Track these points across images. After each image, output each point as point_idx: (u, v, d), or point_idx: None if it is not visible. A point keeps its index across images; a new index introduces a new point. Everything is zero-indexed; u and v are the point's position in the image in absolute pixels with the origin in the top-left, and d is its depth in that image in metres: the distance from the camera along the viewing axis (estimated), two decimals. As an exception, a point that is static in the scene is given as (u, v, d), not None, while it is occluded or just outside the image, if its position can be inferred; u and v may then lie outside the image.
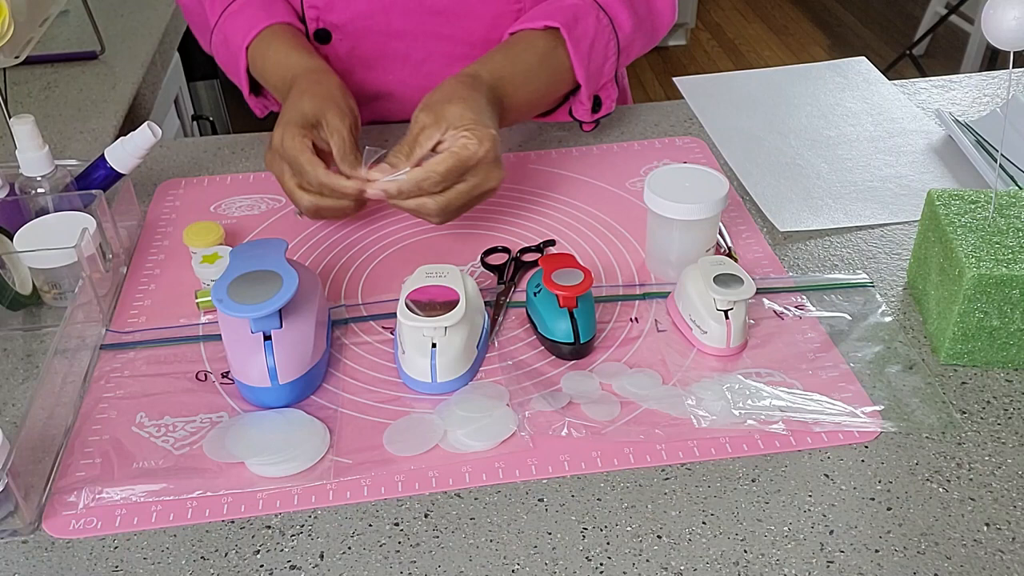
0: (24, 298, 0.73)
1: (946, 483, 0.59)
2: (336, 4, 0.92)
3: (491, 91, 0.81)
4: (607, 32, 0.90)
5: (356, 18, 0.93)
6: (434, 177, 0.73)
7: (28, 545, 0.57)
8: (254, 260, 0.66)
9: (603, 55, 0.90)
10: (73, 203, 0.79)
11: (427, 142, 0.75)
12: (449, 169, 0.73)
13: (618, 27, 0.90)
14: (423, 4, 0.91)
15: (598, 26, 0.89)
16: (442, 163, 0.73)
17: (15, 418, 0.66)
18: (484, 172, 0.75)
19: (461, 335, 0.65)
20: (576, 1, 0.89)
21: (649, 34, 0.96)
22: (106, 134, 1.07)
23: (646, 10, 0.94)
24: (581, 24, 0.88)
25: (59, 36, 1.32)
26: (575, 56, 0.87)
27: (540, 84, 0.87)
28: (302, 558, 0.55)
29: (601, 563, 0.54)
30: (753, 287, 0.67)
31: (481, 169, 0.74)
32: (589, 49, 0.88)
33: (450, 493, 0.59)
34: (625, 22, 0.91)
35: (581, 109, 0.92)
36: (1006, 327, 0.65)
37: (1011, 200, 0.70)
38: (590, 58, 0.89)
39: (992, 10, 0.62)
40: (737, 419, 0.63)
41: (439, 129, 0.74)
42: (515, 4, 0.92)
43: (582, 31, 0.88)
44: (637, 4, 0.93)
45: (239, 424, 0.64)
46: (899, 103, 1.03)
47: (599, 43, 0.89)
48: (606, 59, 0.91)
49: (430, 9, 0.92)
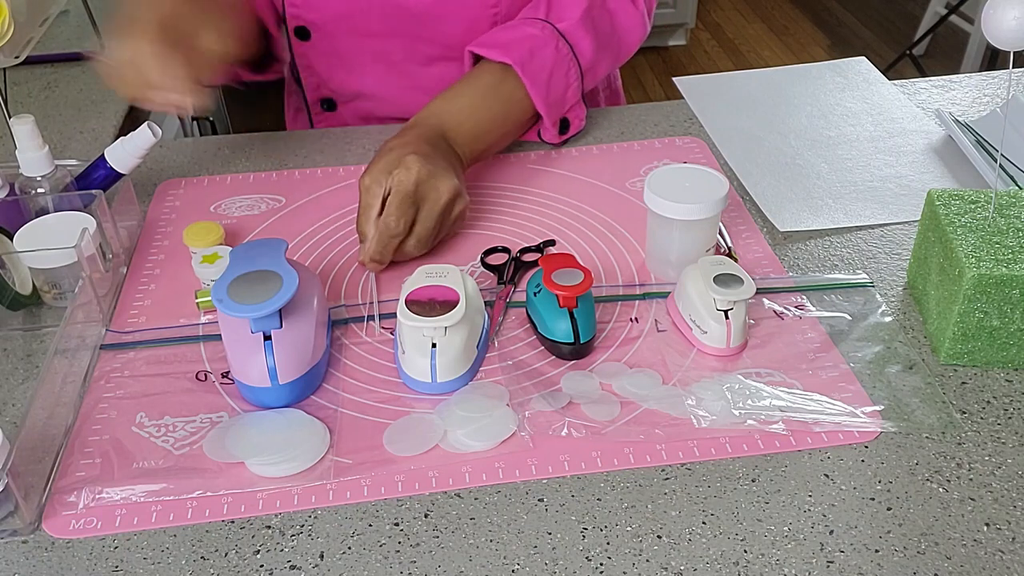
0: (24, 298, 0.73)
1: (946, 483, 0.59)
2: (314, 3, 0.93)
3: (430, 129, 0.82)
4: (567, 60, 0.89)
5: (334, 18, 0.93)
6: (391, 217, 0.74)
7: (28, 545, 0.57)
8: (254, 260, 0.66)
9: (564, 83, 0.90)
10: (73, 203, 0.79)
11: (375, 200, 0.76)
12: (398, 204, 0.74)
13: (579, 54, 0.90)
14: (401, 6, 0.92)
15: (557, 56, 0.88)
16: (390, 203, 0.74)
17: (15, 418, 0.66)
18: (430, 190, 0.75)
19: (461, 335, 0.65)
20: (534, 32, 0.88)
21: (615, 52, 0.96)
22: (106, 134, 1.07)
23: (609, 30, 0.93)
24: (538, 57, 0.87)
25: (59, 36, 1.32)
26: (533, 90, 0.87)
27: (490, 114, 0.87)
28: (302, 558, 0.55)
29: (601, 563, 0.54)
30: (753, 287, 0.67)
31: (425, 189, 0.75)
32: (548, 80, 0.88)
33: (450, 493, 0.59)
34: (586, 48, 0.90)
35: (548, 133, 0.93)
36: (1006, 327, 0.66)
37: (1011, 200, 0.70)
38: (549, 88, 0.88)
39: (992, 10, 0.62)
40: (737, 419, 0.63)
41: (379, 184, 0.75)
42: (492, 8, 0.92)
43: (539, 64, 0.87)
44: (599, 26, 0.92)
45: (239, 424, 0.64)
46: (899, 103, 1.03)
47: (559, 72, 0.89)
48: (568, 86, 0.91)
49: (408, 12, 0.92)
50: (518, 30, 0.89)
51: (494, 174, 0.92)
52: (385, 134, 0.99)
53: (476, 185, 0.90)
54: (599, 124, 1.01)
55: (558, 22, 0.89)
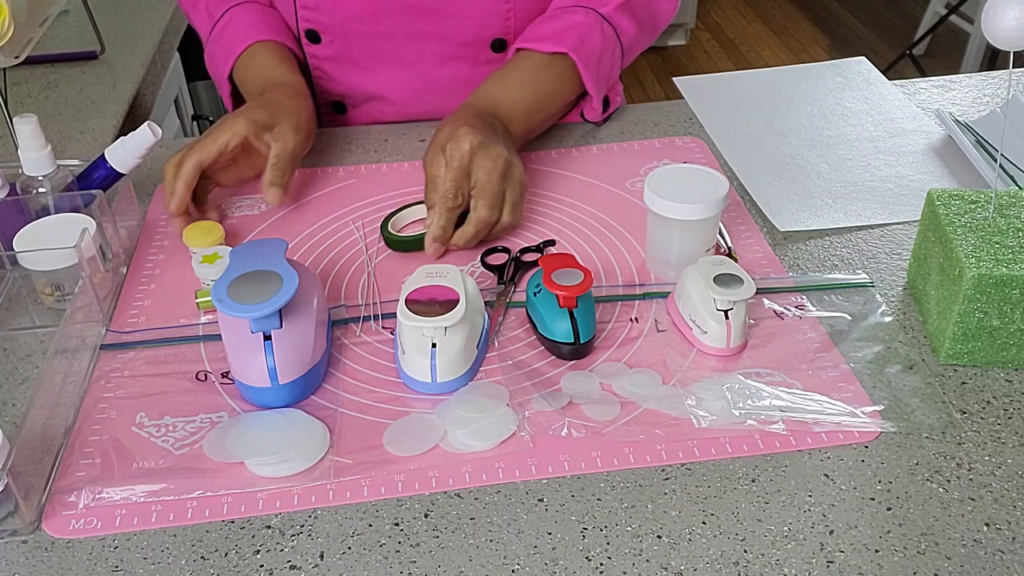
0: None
1: (946, 483, 0.59)
2: (325, 6, 0.93)
3: (481, 108, 0.85)
4: (612, 42, 0.93)
5: (345, 20, 0.94)
6: (448, 190, 0.77)
7: (28, 545, 0.57)
8: (254, 260, 0.66)
9: (611, 64, 0.94)
10: (74, 203, 0.79)
11: (437, 171, 0.79)
12: (454, 177, 0.77)
13: (622, 35, 0.94)
14: (411, 4, 0.92)
15: (604, 39, 0.92)
16: (445, 178, 0.78)
17: (15, 418, 0.66)
18: (483, 157, 0.78)
19: (461, 335, 0.65)
20: (579, 19, 0.91)
21: (650, 33, 0.99)
22: (106, 134, 1.07)
23: (647, 12, 0.96)
24: (588, 42, 0.90)
25: (59, 36, 1.32)
26: (586, 73, 0.91)
27: (540, 92, 0.90)
28: (302, 558, 0.55)
29: (601, 563, 0.54)
30: (753, 287, 0.67)
31: (479, 159, 0.77)
32: (598, 63, 0.92)
33: (450, 493, 0.59)
34: (628, 29, 0.94)
35: (592, 113, 0.97)
36: (1006, 327, 0.65)
37: (1011, 200, 0.70)
38: (599, 71, 0.92)
39: (992, 10, 0.62)
40: (737, 419, 0.63)
41: (438, 158, 0.79)
42: (504, 3, 0.92)
43: (590, 49, 0.90)
44: (638, 8, 0.95)
45: (239, 424, 0.64)
46: (899, 103, 1.03)
47: (607, 55, 0.92)
48: (613, 66, 0.95)
49: (418, 9, 0.92)
50: (563, 19, 0.92)
51: (494, 174, 0.92)
52: (387, 134, 0.99)
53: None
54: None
55: (600, 7, 0.92)
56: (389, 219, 0.83)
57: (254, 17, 0.95)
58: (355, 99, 1.03)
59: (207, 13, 0.97)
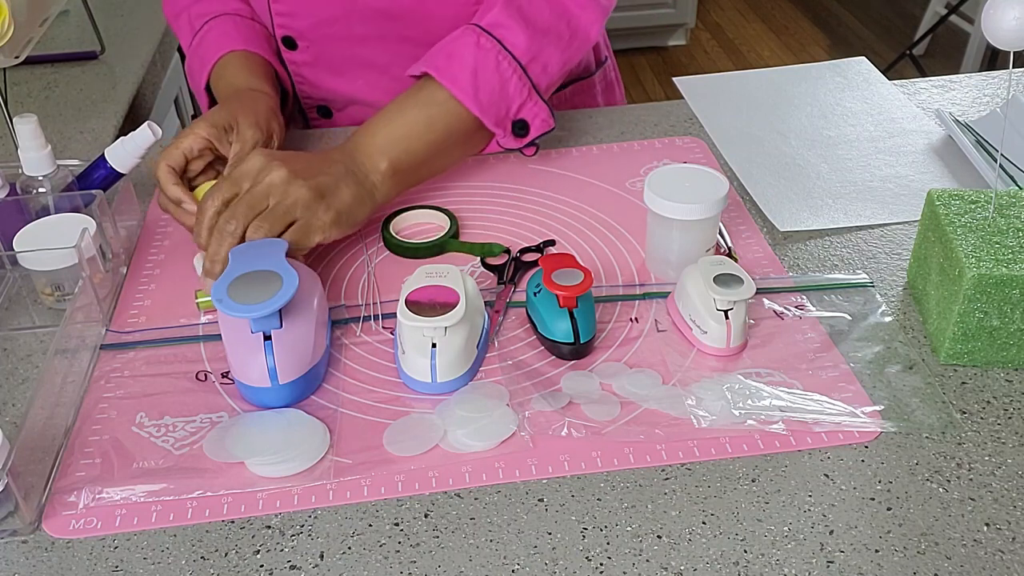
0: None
1: (946, 483, 0.59)
2: (299, 11, 0.93)
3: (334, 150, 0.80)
4: (494, 54, 0.83)
5: (319, 25, 0.93)
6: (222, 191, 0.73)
7: (28, 545, 0.57)
8: (254, 260, 0.66)
9: (497, 78, 0.83)
10: (74, 203, 0.79)
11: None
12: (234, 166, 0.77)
13: (509, 46, 0.83)
14: (381, 9, 0.91)
15: (479, 52, 0.83)
16: None
17: (15, 418, 0.66)
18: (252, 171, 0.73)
19: (461, 335, 0.65)
20: (454, 35, 0.85)
21: (565, 38, 0.87)
22: (106, 134, 1.07)
23: (549, 14, 0.86)
24: (457, 57, 0.83)
25: (59, 36, 1.32)
26: (455, 89, 0.82)
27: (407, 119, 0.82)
28: (302, 558, 0.55)
29: (601, 563, 0.54)
30: (753, 287, 0.67)
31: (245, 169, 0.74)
32: (473, 78, 0.82)
33: (450, 493, 0.59)
34: (518, 38, 0.84)
35: (503, 139, 0.87)
36: (1006, 327, 0.66)
37: (1011, 200, 0.70)
38: (477, 87, 0.82)
39: (992, 10, 0.62)
40: (737, 419, 0.63)
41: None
42: (474, 5, 0.91)
43: (460, 63, 0.82)
44: (531, 12, 0.85)
45: (239, 424, 0.64)
46: (899, 103, 1.03)
47: (486, 68, 0.83)
48: (504, 81, 0.83)
49: (389, 14, 0.91)
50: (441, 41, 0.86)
51: (494, 174, 0.92)
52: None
53: (477, 185, 0.90)
54: (599, 124, 1.01)
55: (481, 19, 0.85)
56: (390, 220, 0.84)
57: (230, 28, 0.95)
58: (338, 103, 1.03)
59: (189, 25, 0.97)
